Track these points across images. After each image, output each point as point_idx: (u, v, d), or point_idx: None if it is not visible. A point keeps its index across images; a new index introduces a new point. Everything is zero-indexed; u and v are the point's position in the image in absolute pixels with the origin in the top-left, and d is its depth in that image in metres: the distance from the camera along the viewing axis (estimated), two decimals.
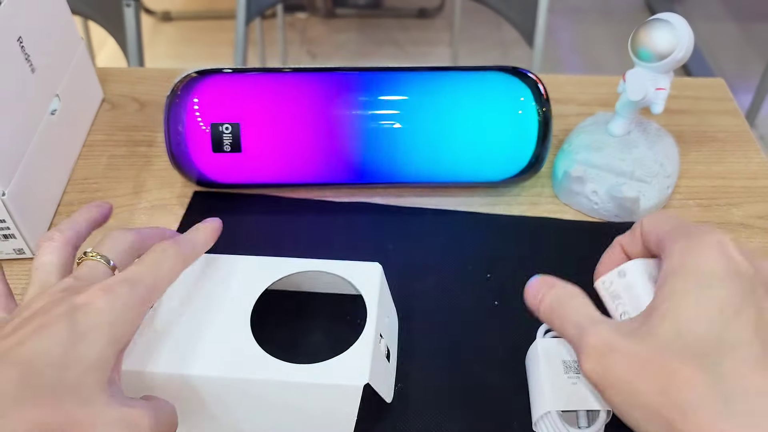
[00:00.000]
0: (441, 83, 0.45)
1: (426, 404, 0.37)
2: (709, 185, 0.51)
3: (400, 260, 0.44)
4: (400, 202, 0.49)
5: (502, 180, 0.47)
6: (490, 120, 0.45)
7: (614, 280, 0.32)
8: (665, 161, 0.47)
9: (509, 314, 0.41)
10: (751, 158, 0.53)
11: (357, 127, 0.45)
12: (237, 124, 0.44)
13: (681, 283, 0.27)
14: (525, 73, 0.46)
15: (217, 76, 0.45)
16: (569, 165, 0.48)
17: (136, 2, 0.92)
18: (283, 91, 0.45)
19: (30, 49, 0.44)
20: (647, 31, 0.43)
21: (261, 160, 0.45)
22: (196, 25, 2.08)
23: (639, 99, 0.44)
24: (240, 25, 1.01)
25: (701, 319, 0.26)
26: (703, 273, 0.27)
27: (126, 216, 0.48)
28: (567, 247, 0.46)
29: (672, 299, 0.27)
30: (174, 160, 0.46)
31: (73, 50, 0.52)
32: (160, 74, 0.61)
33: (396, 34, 2.03)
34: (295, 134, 0.45)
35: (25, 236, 0.43)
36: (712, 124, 0.56)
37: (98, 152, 0.53)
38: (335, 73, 0.46)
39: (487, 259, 0.45)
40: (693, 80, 0.60)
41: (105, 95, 0.58)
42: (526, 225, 0.47)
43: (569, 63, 1.92)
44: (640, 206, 0.46)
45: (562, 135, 0.53)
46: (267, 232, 0.47)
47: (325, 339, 0.40)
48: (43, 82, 0.47)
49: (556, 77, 0.60)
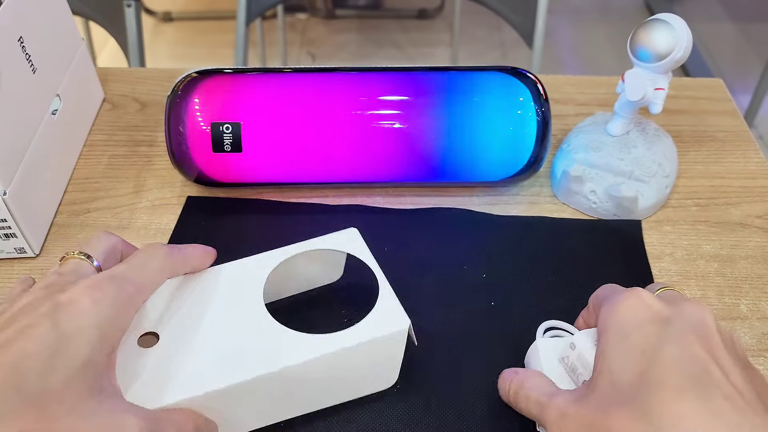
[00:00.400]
0: (441, 83, 0.45)
1: (424, 406, 0.37)
2: (708, 185, 0.51)
3: (395, 261, 0.44)
4: (400, 202, 0.49)
5: (501, 180, 0.47)
6: (490, 120, 0.45)
7: (569, 354, 0.35)
8: (664, 161, 0.48)
9: (506, 315, 0.41)
10: (749, 158, 0.53)
11: (357, 127, 0.45)
12: (237, 124, 0.44)
13: (608, 341, 0.30)
14: (524, 73, 0.46)
15: (217, 77, 0.45)
16: (568, 165, 0.48)
17: (136, 2, 0.92)
18: (284, 92, 0.45)
19: (31, 49, 0.45)
20: (646, 32, 0.43)
21: (261, 159, 0.46)
22: (196, 26, 2.08)
23: (638, 99, 0.44)
24: (240, 25, 1.01)
25: (626, 366, 0.29)
26: (622, 326, 0.30)
27: (126, 215, 0.48)
28: (563, 246, 0.46)
29: (604, 357, 0.30)
30: (175, 159, 0.46)
31: (74, 50, 0.52)
32: (161, 74, 0.61)
33: (396, 35, 2.03)
34: (296, 134, 0.45)
35: (26, 235, 0.43)
36: (711, 125, 0.56)
37: (99, 152, 0.53)
38: (335, 74, 0.46)
39: (483, 258, 0.45)
40: (692, 80, 0.61)
41: (106, 95, 0.58)
42: (520, 224, 0.47)
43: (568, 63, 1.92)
44: (639, 206, 0.46)
45: (561, 135, 0.53)
46: (259, 236, 0.46)
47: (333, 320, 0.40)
48: (44, 83, 0.47)
49: (555, 78, 0.60)
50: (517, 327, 0.40)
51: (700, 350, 0.28)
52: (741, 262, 0.45)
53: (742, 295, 0.43)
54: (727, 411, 0.26)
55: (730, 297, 0.43)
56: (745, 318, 0.42)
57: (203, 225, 0.47)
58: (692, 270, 0.45)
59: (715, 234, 0.47)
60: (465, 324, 0.41)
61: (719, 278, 0.44)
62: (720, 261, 0.45)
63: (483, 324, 0.41)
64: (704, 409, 0.26)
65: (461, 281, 0.43)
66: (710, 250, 0.46)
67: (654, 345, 0.29)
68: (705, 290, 0.43)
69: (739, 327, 0.41)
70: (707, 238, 0.47)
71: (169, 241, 0.46)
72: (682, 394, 0.27)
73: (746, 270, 0.45)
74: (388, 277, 0.36)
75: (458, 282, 0.43)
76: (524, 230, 0.47)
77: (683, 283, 0.44)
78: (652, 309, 0.30)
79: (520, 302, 0.42)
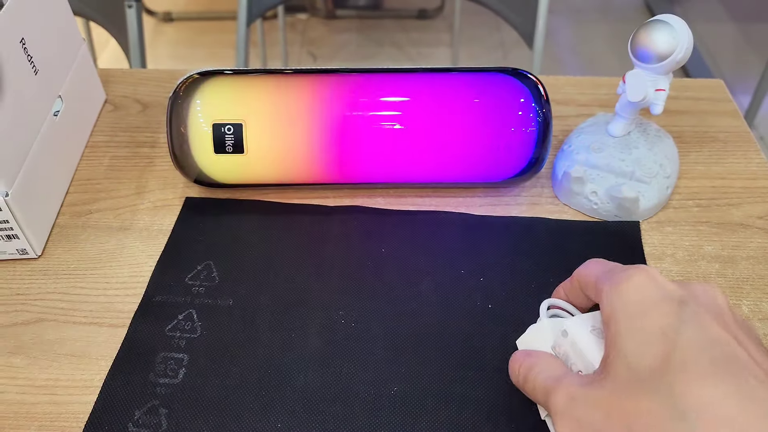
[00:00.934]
0: (441, 84, 0.45)
1: (421, 407, 0.37)
2: (709, 186, 0.51)
3: (392, 263, 0.44)
4: (400, 203, 0.49)
5: (502, 181, 0.47)
6: (490, 121, 0.45)
7: (561, 342, 0.33)
8: (665, 162, 0.48)
9: (502, 317, 0.41)
10: (750, 159, 0.53)
11: (357, 127, 0.45)
12: (239, 125, 0.44)
13: (619, 323, 0.29)
14: (525, 74, 0.46)
15: (219, 77, 0.45)
16: (569, 165, 0.48)
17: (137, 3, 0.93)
18: (285, 92, 0.45)
19: (32, 50, 0.45)
20: (647, 33, 0.43)
21: (263, 160, 0.46)
22: (197, 26, 2.08)
23: (638, 100, 0.44)
24: (241, 26, 1.02)
25: (645, 350, 0.27)
26: (636, 306, 0.29)
27: (128, 216, 0.48)
28: (560, 247, 0.46)
29: (617, 341, 0.29)
30: (176, 160, 0.46)
31: (76, 51, 0.53)
32: (163, 75, 0.61)
33: (396, 35, 2.03)
34: (297, 135, 0.45)
35: (28, 237, 0.44)
36: (712, 125, 0.56)
37: (101, 153, 0.53)
38: (336, 75, 0.46)
39: (480, 261, 0.44)
40: (692, 81, 0.61)
41: (107, 96, 0.59)
42: (517, 226, 0.47)
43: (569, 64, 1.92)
44: (640, 206, 0.47)
45: (562, 136, 0.53)
46: (258, 237, 0.46)
47: None
48: (46, 84, 0.47)
49: (556, 78, 0.60)
50: (513, 329, 0.40)
51: (721, 331, 0.27)
52: (742, 263, 0.45)
53: (744, 295, 0.43)
54: (763, 393, 0.25)
55: (732, 298, 0.43)
56: (747, 319, 0.42)
57: (201, 227, 0.47)
58: (693, 271, 0.45)
59: (716, 235, 0.47)
60: (463, 326, 0.41)
61: (720, 279, 0.44)
62: (721, 262, 0.45)
63: (480, 326, 0.41)
64: (737, 392, 0.25)
65: (459, 284, 0.43)
66: (711, 250, 0.46)
67: (673, 326, 0.27)
68: None
69: None
70: (708, 238, 0.47)
71: (168, 243, 0.46)
72: (710, 378, 0.25)
73: (747, 271, 0.45)
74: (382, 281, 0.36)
75: (456, 285, 0.43)
76: (521, 232, 0.47)
77: None
78: (664, 287, 0.29)
79: (517, 304, 0.42)
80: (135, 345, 0.40)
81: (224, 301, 0.42)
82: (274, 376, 0.38)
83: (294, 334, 0.40)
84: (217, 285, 0.43)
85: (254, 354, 0.39)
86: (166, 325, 0.41)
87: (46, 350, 0.40)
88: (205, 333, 0.40)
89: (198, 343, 0.40)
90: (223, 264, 0.44)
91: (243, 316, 0.41)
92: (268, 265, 0.44)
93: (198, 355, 0.39)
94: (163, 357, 0.39)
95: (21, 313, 0.42)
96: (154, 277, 0.44)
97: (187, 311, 0.42)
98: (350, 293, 0.42)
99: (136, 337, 0.40)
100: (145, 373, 0.38)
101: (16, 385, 0.38)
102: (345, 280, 0.43)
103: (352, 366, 0.39)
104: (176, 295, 0.43)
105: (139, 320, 0.41)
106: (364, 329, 0.41)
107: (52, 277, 0.44)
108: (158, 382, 0.38)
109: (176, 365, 0.39)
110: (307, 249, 0.45)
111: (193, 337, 0.40)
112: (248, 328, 0.41)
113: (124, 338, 0.40)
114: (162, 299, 0.42)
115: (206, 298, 0.42)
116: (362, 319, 0.41)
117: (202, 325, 0.41)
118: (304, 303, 0.42)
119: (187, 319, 0.41)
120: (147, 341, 0.40)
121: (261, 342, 0.40)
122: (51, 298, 0.43)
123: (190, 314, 0.41)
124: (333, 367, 0.39)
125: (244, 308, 0.42)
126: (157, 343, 0.40)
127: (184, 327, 0.41)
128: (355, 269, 0.44)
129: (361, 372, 0.38)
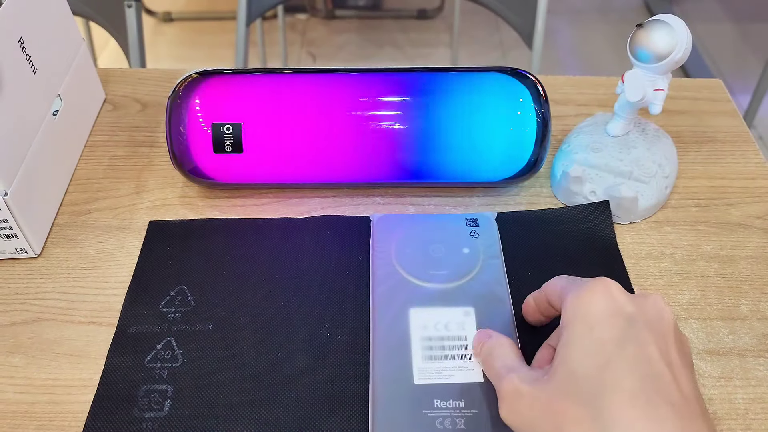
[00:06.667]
0: (441, 84, 0.45)
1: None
2: (708, 185, 0.51)
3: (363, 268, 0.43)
4: (399, 202, 0.49)
5: (501, 180, 0.48)
6: (489, 121, 0.45)
7: None
8: (663, 162, 0.48)
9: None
10: (749, 158, 0.53)
11: (357, 127, 0.45)
12: (238, 125, 0.44)
13: (572, 330, 0.31)
14: (524, 74, 0.46)
15: (218, 77, 0.45)
16: (568, 165, 0.48)
17: (137, 3, 0.93)
18: (284, 92, 0.45)
19: (31, 50, 0.45)
20: (646, 33, 0.43)
21: (262, 160, 0.46)
22: (197, 26, 2.08)
23: (637, 100, 0.44)
24: (241, 26, 1.02)
25: (586, 360, 0.30)
26: (588, 318, 0.31)
27: (127, 216, 0.48)
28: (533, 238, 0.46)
29: (566, 346, 0.31)
30: (176, 160, 0.46)
31: (75, 51, 0.53)
32: (162, 75, 0.61)
33: (396, 36, 2.03)
34: (296, 135, 0.45)
35: (27, 236, 0.44)
36: (711, 125, 0.56)
37: (100, 153, 0.53)
38: (336, 74, 0.46)
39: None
40: (691, 81, 0.61)
41: (107, 96, 0.59)
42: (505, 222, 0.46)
43: (568, 64, 1.92)
44: (639, 206, 0.47)
45: (561, 135, 0.53)
46: (227, 256, 0.45)
47: None
48: (45, 83, 0.47)
49: (555, 78, 0.60)
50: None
51: (655, 350, 0.29)
52: (741, 263, 0.45)
53: (742, 295, 0.43)
54: (671, 419, 0.28)
55: (730, 297, 0.43)
56: (745, 318, 0.42)
57: (169, 251, 0.45)
58: (692, 270, 0.45)
59: (715, 234, 0.47)
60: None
61: (719, 279, 0.44)
62: (720, 261, 0.45)
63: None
64: (650, 417, 0.28)
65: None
66: (710, 250, 0.46)
67: (616, 340, 0.30)
68: (705, 291, 0.44)
69: (739, 327, 0.41)
70: (707, 238, 0.47)
71: (135, 270, 0.44)
72: (634, 400, 0.28)
73: (746, 270, 0.45)
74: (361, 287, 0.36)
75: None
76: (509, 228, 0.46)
77: (683, 284, 0.44)
78: (617, 303, 0.31)
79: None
80: (114, 381, 0.38)
81: (203, 326, 0.40)
82: (264, 397, 0.37)
83: (280, 353, 0.39)
84: (193, 309, 0.41)
85: (241, 377, 0.38)
86: (145, 356, 0.39)
87: (45, 349, 0.40)
88: (187, 360, 0.39)
89: (181, 371, 0.38)
90: (196, 287, 0.43)
91: (224, 339, 0.40)
92: (243, 284, 0.43)
93: (182, 385, 0.38)
94: (146, 390, 0.37)
95: (20, 313, 0.42)
96: (125, 308, 0.42)
97: (165, 339, 0.40)
98: (333, 305, 0.41)
99: (115, 372, 0.38)
100: (128, 410, 0.37)
101: (15, 384, 0.38)
102: (325, 291, 0.42)
103: (344, 378, 0.38)
104: (151, 324, 0.41)
105: (116, 354, 0.39)
106: (349, 341, 0.40)
107: (51, 276, 0.44)
108: (143, 417, 0.36)
109: (161, 397, 0.37)
110: (281, 263, 0.44)
111: (175, 366, 0.39)
112: (231, 351, 0.39)
113: (101, 375, 0.38)
114: (137, 330, 0.40)
115: (183, 324, 0.41)
116: (346, 331, 0.40)
117: (183, 353, 0.39)
118: (286, 319, 0.41)
119: (166, 348, 0.39)
120: (126, 376, 0.38)
121: (247, 364, 0.39)
122: (50, 298, 0.43)
123: (168, 342, 0.40)
124: (323, 381, 0.38)
125: (225, 330, 0.40)
126: (137, 377, 0.38)
127: (164, 356, 0.39)
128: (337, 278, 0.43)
129: (353, 384, 0.38)
